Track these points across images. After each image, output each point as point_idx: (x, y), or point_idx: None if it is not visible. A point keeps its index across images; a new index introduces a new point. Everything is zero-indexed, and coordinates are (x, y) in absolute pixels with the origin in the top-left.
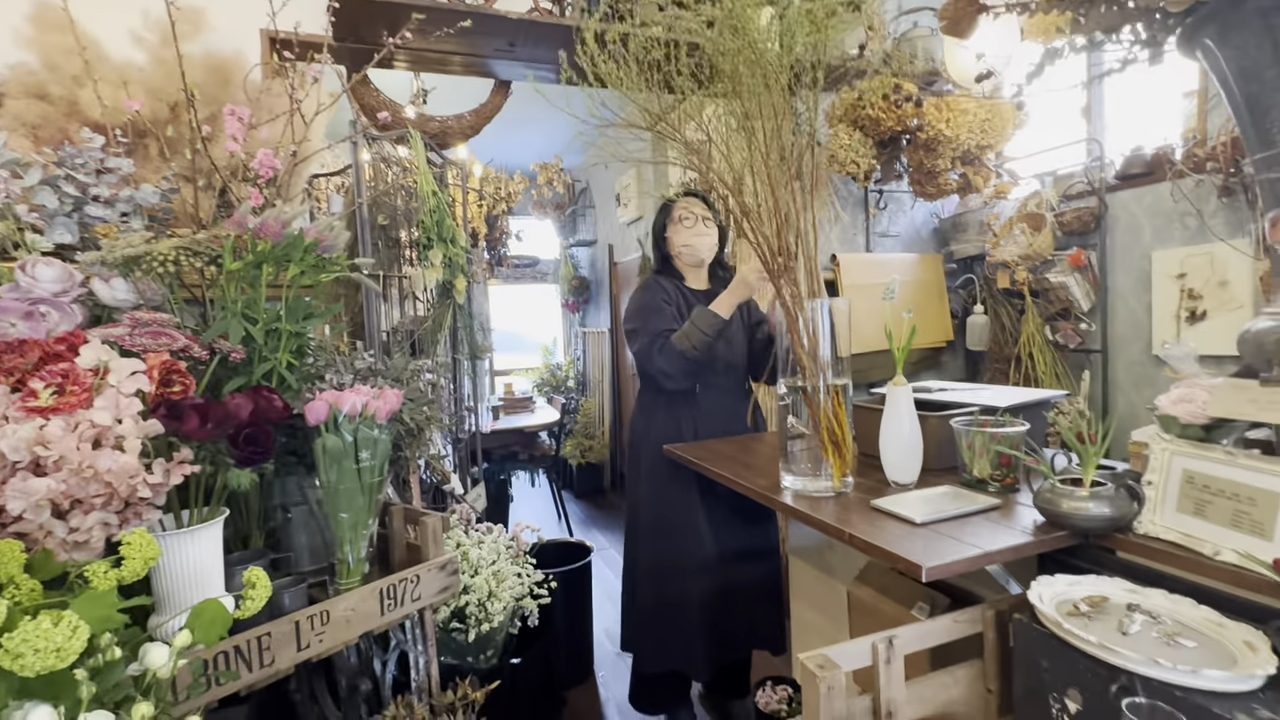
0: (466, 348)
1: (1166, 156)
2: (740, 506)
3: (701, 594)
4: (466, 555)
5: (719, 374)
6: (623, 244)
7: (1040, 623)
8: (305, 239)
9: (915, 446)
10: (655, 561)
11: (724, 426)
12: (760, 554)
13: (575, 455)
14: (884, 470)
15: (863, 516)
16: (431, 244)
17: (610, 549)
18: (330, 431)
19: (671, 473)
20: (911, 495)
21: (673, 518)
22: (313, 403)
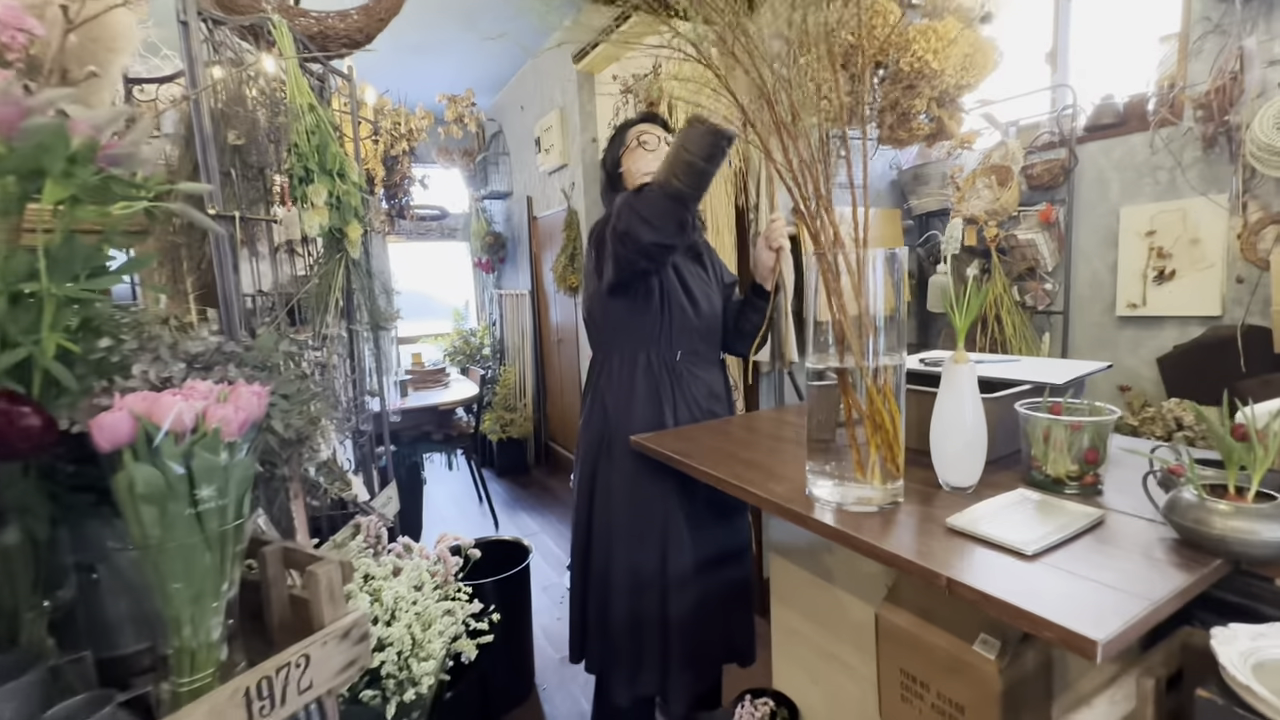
0: (366, 315)
1: (1141, 106)
2: (715, 500)
3: (680, 608)
4: (379, 596)
5: (700, 337)
6: (544, 196)
7: (1247, 706)
8: (69, 134)
9: (980, 440)
10: (632, 575)
11: (706, 409)
12: (734, 554)
13: (495, 430)
14: (935, 469)
15: (943, 544)
16: (311, 177)
17: (541, 534)
18: (140, 459)
19: (651, 467)
20: (986, 507)
21: (651, 522)
22: (105, 415)
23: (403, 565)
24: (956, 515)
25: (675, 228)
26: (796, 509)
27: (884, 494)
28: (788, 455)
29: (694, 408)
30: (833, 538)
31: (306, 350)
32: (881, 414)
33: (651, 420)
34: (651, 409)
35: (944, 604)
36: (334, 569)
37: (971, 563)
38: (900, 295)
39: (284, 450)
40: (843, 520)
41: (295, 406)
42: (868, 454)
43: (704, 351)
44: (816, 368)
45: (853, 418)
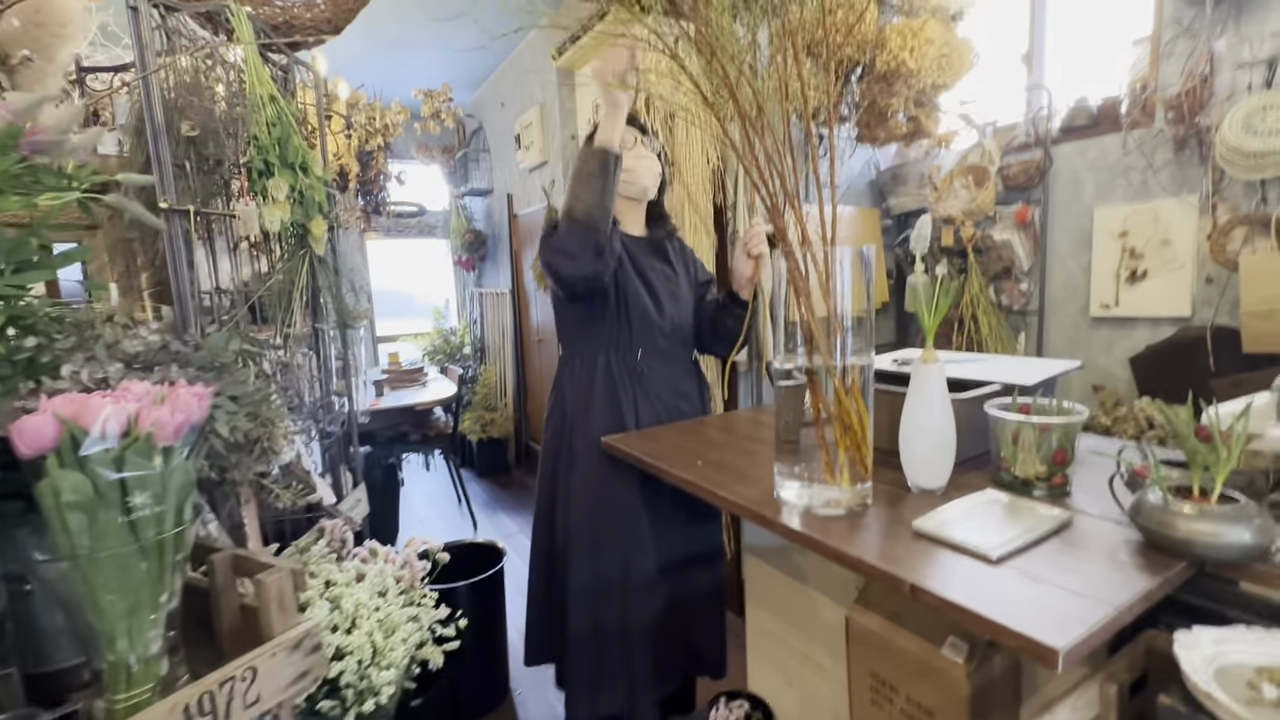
0: (332, 314)
1: (1114, 108)
2: (684, 502)
3: (642, 617)
4: (339, 603)
5: (664, 336)
6: (524, 193)
7: (1208, 713)
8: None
9: (949, 441)
10: (591, 584)
11: (671, 406)
12: (703, 559)
13: (475, 430)
14: (903, 471)
15: (909, 548)
16: (271, 171)
17: (519, 534)
18: (66, 465)
19: (612, 470)
20: (953, 509)
21: (612, 526)
22: (27, 419)
23: (367, 570)
24: (923, 518)
25: (592, 255)
26: (763, 512)
27: (852, 496)
28: (761, 457)
29: (657, 406)
30: (799, 542)
31: (268, 350)
32: (849, 415)
33: (611, 423)
34: (611, 411)
35: (913, 607)
36: (284, 577)
37: (936, 567)
38: (870, 293)
39: (233, 454)
40: (809, 524)
41: (243, 409)
42: (836, 455)
43: (669, 350)
44: (784, 367)
45: (820, 418)
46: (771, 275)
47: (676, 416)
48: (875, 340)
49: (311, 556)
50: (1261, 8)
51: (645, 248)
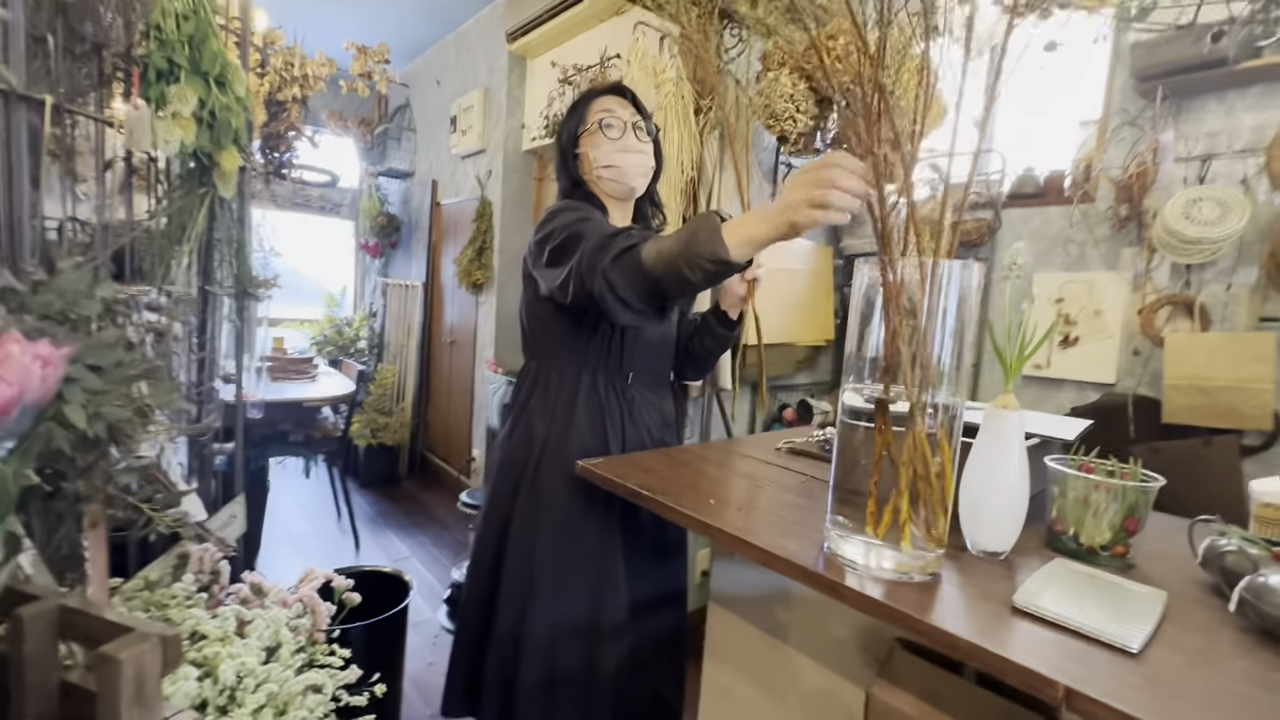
0: (231, 276)
1: (1059, 181)
2: (657, 539)
3: (608, 662)
4: (213, 669)
5: (655, 355)
6: (453, 181)
7: None
8: None
9: (1022, 501)
10: (553, 630)
11: (658, 437)
12: (670, 598)
13: (364, 435)
14: (963, 531)
15: (1013, 630)
16: (175, 75)
17: (411, 559)
18: None
19: (589, 503)
20: (1037, 581)
21: (585, 566)
22: None
23: (251, 617)
24: (1020, 593)
25: (655, 311)
26: (828, 576)
27: (928, 562)
28: (774, 498)
29: (646, 438)
30: (874, 613)
31: (139, 310)
32: (930, 465)
33: (592, 448)
34: (594, 440)
35: (950, 686)
36: (149, 651)
37: (1072, 662)
38: (968, 325)
39: (82, 453)
40: (893, 594)
41: (113, 386)
42: (921, 512)
43: (659, 371)
44: (855, 404)
45: (900, 468)
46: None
47: (658, 447)
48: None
49: (168, 595)
50: (1199, 110)
51: None
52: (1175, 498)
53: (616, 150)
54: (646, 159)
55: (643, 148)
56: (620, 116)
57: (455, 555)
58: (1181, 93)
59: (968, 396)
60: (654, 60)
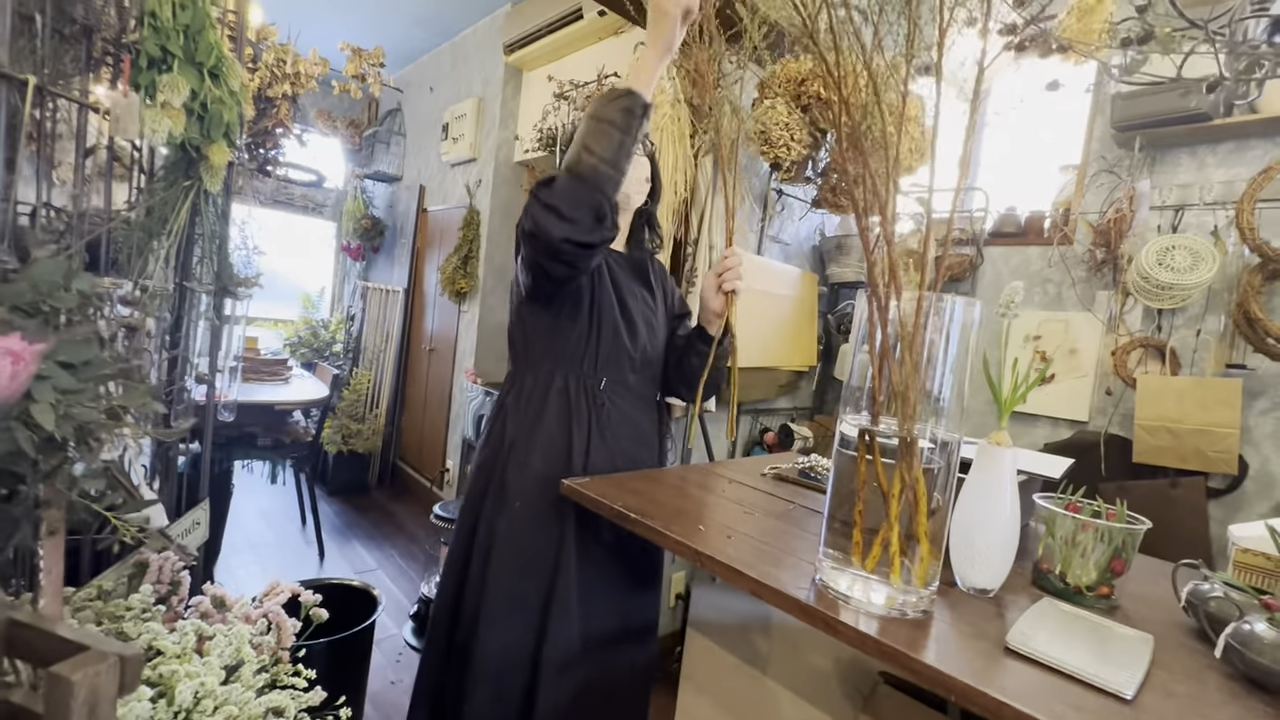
0: (211, 273)
1: (1038, 222)
2: (624, 562)
3: (551, 701)
4: (169, 689)
5: (633, 368)
6: (442, 188)
7: None
8: None
9: (1013, 538)
10: (498, 654)
11: (629, 452)
12: (637, 632)
13: (335, 441)
14: (953, 567)
15: (1005, 671)
16: (169, 64)
17: (378, 571)
18: None
19: (548, 515)
20: (1029, 621)
21: (533, 582)
22: None
23: (212, 633)
24: (1013, 634)
25: (592, 219)
26: (822, 610)
27: (920, 599)
28: (766, 527)
29: (613, 448)
30: (878, 655)
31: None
32: (923, 500)
33: (554, 458)
34: (559, 442)
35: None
36: (105, 672)
37: (1068, 706)
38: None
39: (45, 456)
40: (887, 631)
41: (86, 386)
42: (913, 548)
43: (636, 385)
44: (852, 435)
45: (892, 500)
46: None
47: (632, 465)
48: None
49: (122, 607)
50: (1172, 162)
51: (626, 266)
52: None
53: None
54: (641, 169)
55: (639, 158)
56: None
57: (424, 569)
58: (1157, 144)
59: None
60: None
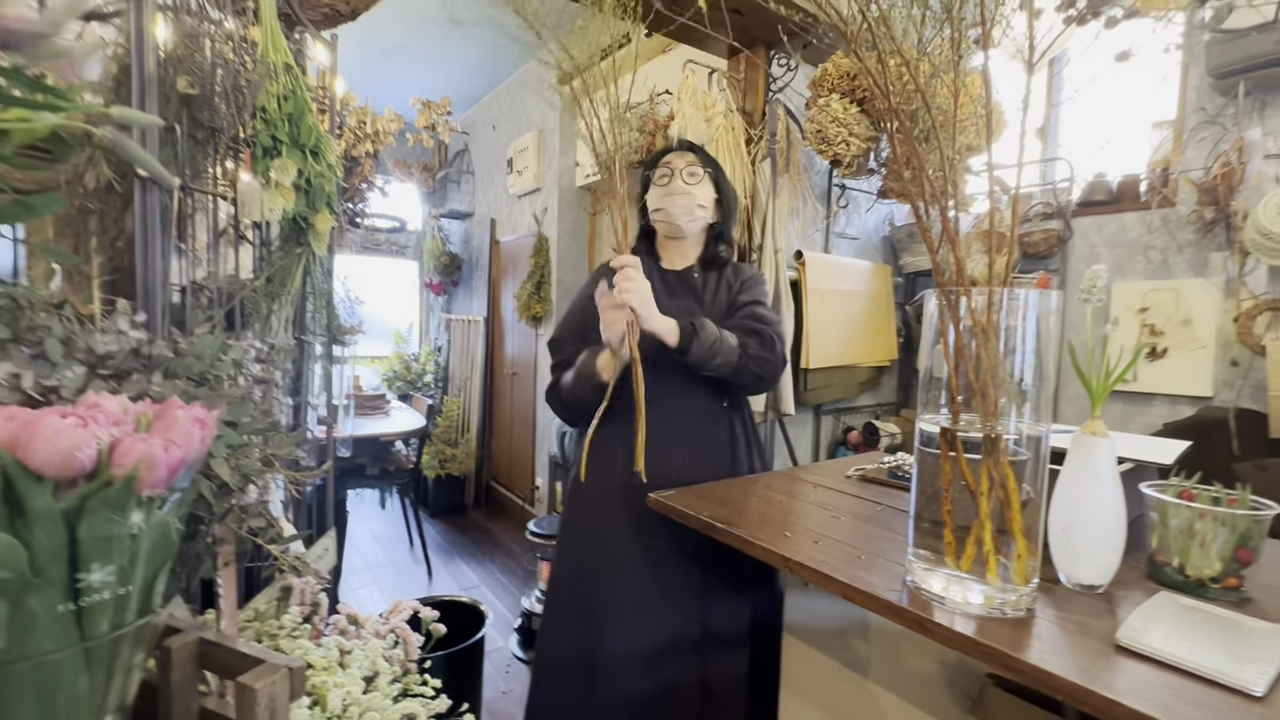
0: (322, 325)
1: (1133, 186)
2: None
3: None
4: (322, 698)
5: (670, 385)
6: (511, 219)
7: None
8: None
9: (1119, 531)
10: (554, 655)
11: (674, 465)
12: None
13: (434, 466)
14: (1055, 563)
15: (1119, 671)
16: (278, 150)
17: (481, 587)
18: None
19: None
20: (1143, 616)
21: (578, 591)
22: None
23: (350, 648)
24: (1124, 629)
25: (577, 418)
26: (915, 612)
27: (1021, 597)
28: (855, 531)
29: (668, 468)
30: (977, 655)
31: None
32: (1014, 496)
33: (597, 473)
34: (602, 459)
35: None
36: (279, 682)
37: (1188, 705)
38: (1047, 349)
39: (219, 500)
40: (987, 631)
41: (248, 439)
42: (1008, 545)
43: (679, 400)
44: (932, 433)
45: (980, 496)
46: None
47: (683, 478)
48: (882, 399)
49: (276, 626)
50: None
51: (668, 283)
52: None
53: (664, 195)
54: (692, 198)
55: (688, 189)
56: (674, 166)
57: (524, 584)
58: (1265, 87)
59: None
60: (703, 95)
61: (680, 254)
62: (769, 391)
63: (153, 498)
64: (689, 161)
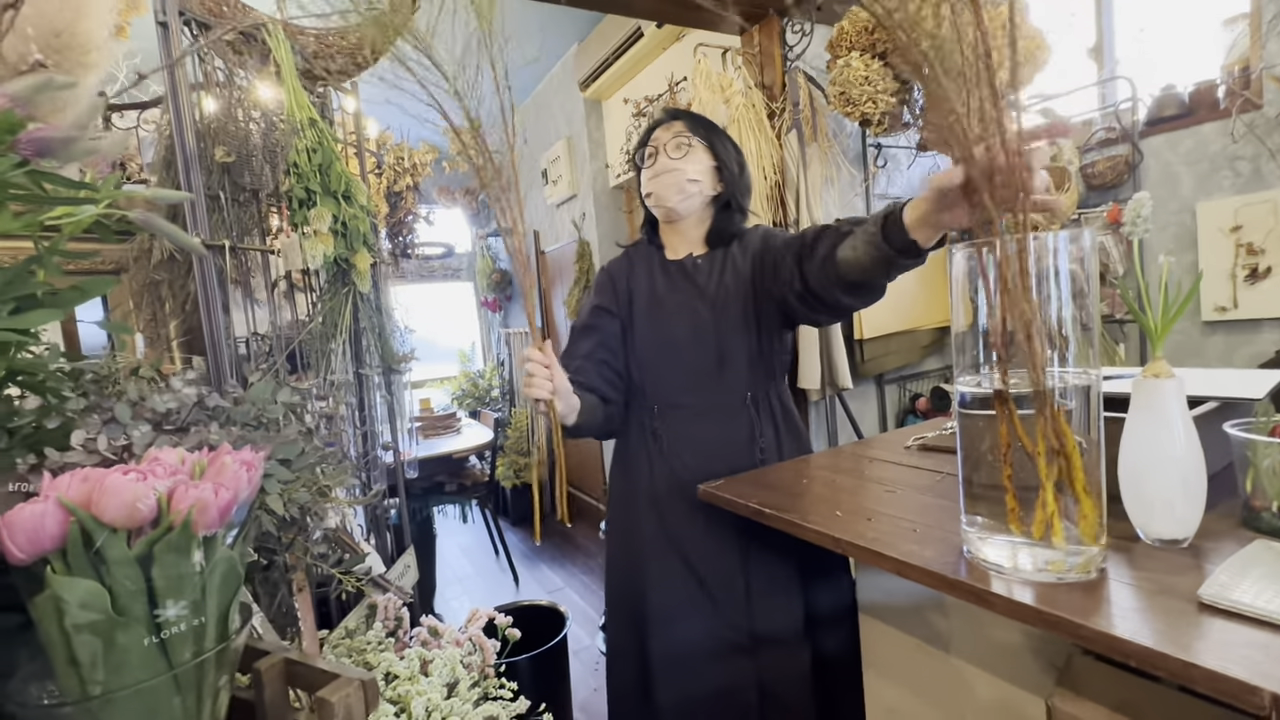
0: (377, 357)
1: (1209, 93)
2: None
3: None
4: (406, 706)
5: (688, 388)
6: (553, 229)
7: None
8: None
9: (1198, 478)
10: (613, 649)
11: (691, 466)
12: (790, 634)
13: (509, 477)
14: (1130, 518)
15: (1200, 631)
16: (313, 200)
17: (565, 589)
18: (75, 570)
19: (625, 527)
20: (1231, 569)
21: (625, 590)
22: (22, 509)
23: (431, 657)
24: (1209, 585)
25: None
26: (972, 583)
27: (1088, 558)
28: (911, 504)
29: (674, 466)
30: (1040, 624)
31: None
32: (1073, 453)
33: (628, 472)
34: (631, 459)
35: (1154, 698)
36: (354, 694)
37: (1275, 662)
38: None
39: (284, 532)
40: (1046, 598)
41: (300, 474)
42: (1070, 504)
43: (696, 401)
44: (975, 391)
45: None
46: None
47: (698, 476)
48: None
49: (364, 642)
50: None
51: (668, 277)
52: None
53: (650, 177)
54: (680, 174)
55: (674, 164)
56: (659, 142)
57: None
58: None
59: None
60: (719, 77)
61: (682, 239)
62: (821, 369)
63: (210, 537)
64: (675, 133)
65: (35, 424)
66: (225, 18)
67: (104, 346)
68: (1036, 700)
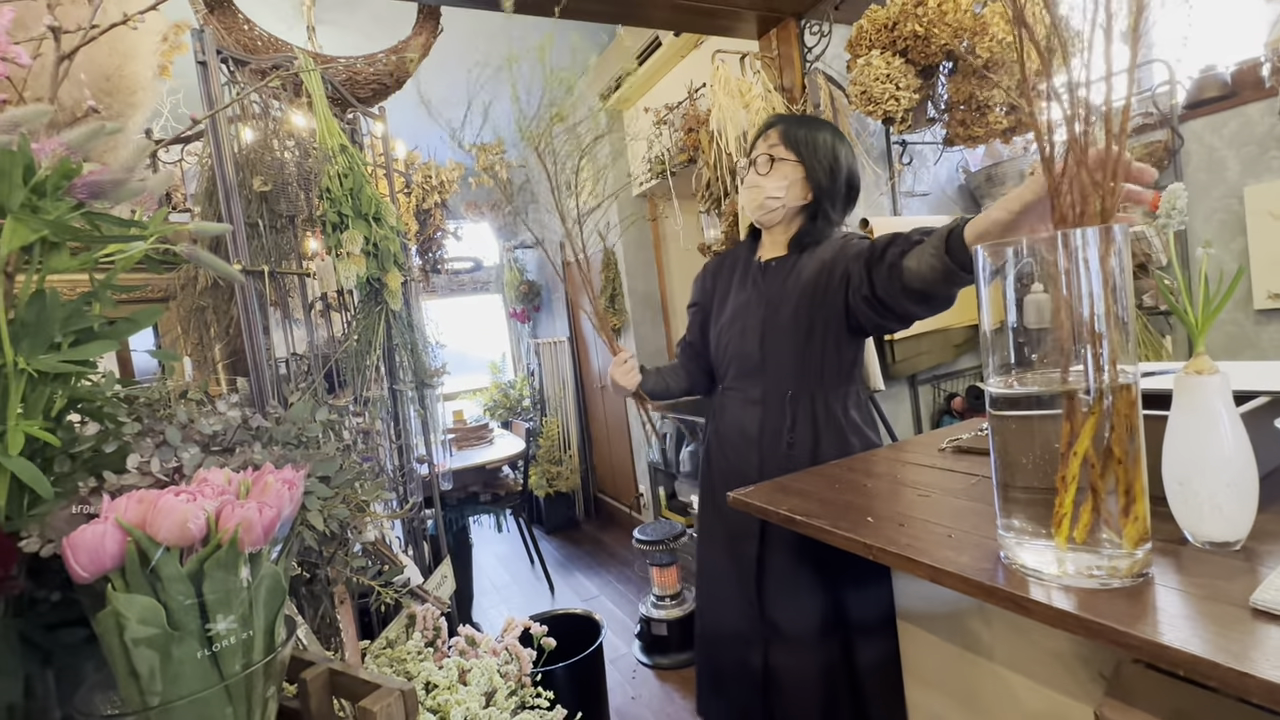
0: (410, 372)
1: (1253, 73)
2: (804, 569)
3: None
4: (445, 714)
5: (740, 374)
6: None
7: None
8: (32, 156)
9: (1249, 478)
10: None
11: (730, 455)
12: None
13: (542, 485)
14: (1177, 521)
15: (1255, 637)
16: (345, 223)
17: (600, 597)
18: (133, 587)
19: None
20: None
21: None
22: (84, 529)
23: (469, 666)
24: (1264, 589)
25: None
26: (1010, 590)
27: (1134, 562)
28: (945, 508)
29: (725, 448)
30: (1081, 632)
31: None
32: (1130, 453)
33: (701, 460)
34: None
35: (1210, 707)
36: (395, 703)
37: None
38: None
39: (325, 547)
40: (1087, 605)
41: (339, 490)
42: (1111, 506)
43: (745, 388)
44: (1008, 392)
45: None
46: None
47: (735, 466)
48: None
49: (404, 651)
50: None
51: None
52: None
53: (742, 190)
54: (759, 191)
55: (756, 181)
56: (756, 154)
57: (639, 591)
58: None
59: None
60: (738, 82)
61: (773, 242)
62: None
63: (255, 553)
64: (769, 145)
65: (94, 448)
66: (260, 53)
67: (155, 370)
68: (1085, 709)
